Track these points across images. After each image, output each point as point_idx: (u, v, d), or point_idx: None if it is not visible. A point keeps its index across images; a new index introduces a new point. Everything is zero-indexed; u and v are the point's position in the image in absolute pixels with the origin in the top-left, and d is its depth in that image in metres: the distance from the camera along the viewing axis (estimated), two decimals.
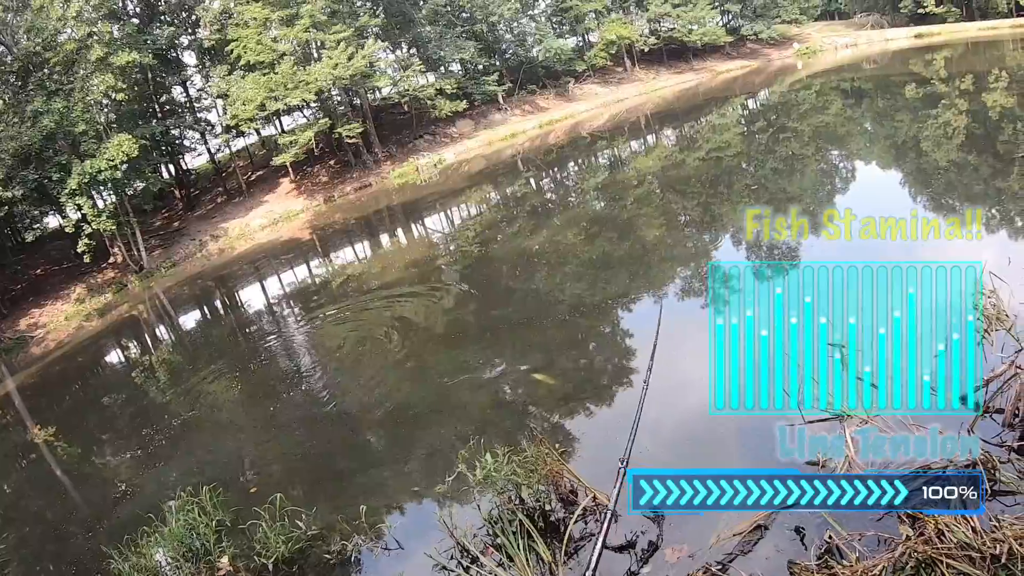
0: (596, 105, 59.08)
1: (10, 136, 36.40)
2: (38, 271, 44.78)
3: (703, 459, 7.13)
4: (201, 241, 44.72)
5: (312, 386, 15.44)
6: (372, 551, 7.84)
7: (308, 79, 44.67)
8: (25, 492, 14.95)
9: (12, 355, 33.62)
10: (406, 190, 43.79)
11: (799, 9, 66.19)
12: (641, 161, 34.04)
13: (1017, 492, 5.32)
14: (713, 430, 7.76)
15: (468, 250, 24.41)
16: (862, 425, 6.40)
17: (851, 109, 34.52)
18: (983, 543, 4.54)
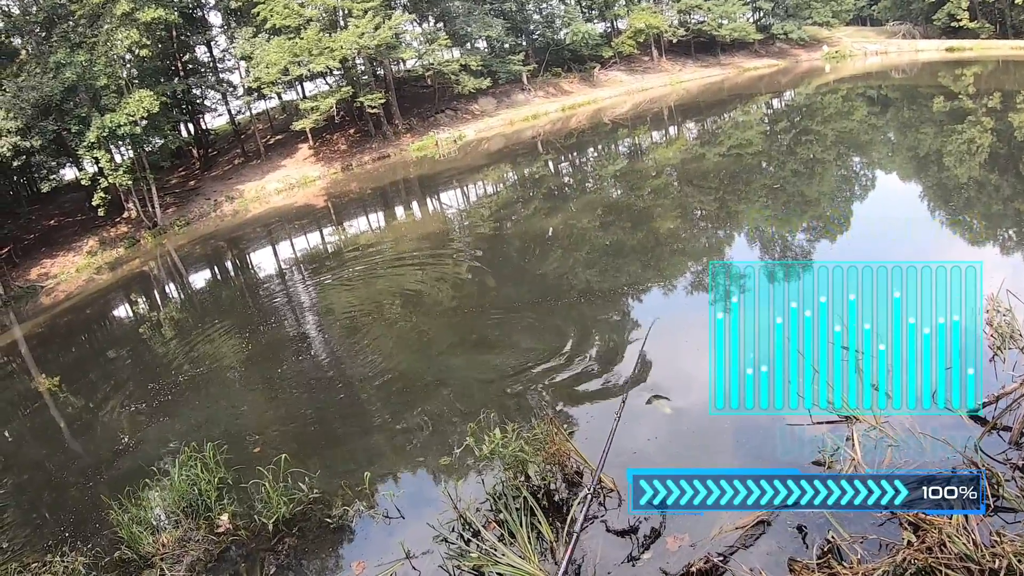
0: (620, 92, 58.80)
1: (31, 86, 36.40)
2: (52, 222, 44.88)
3: (703, 459, 7.04)
4: (216, 201, 44.72)
5: (319, 351, 15.35)
6: (373, 518, 7.73)
7: (333, 46, 44.51)
8: (27, 440, 14.91)
9: (22, 304, 33.73)
10: (424, 163, 43.67)
11: (831, 12, 65.49)
12: (661, 152, 33.79)
13: (1019, 510, 5.21)
14: (713, 430, 7.63)
15: (482, 228, 24.26)
16: (866, 427, 6.32)
17: (876, 117, 34.16)
18: (983, 556, 4.51)
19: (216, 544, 7.65)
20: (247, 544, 7.63)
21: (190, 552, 7.54)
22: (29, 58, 38.85)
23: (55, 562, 7.60)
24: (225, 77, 53.97)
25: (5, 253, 39.37)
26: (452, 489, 7.32)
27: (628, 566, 5.84)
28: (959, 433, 6.14)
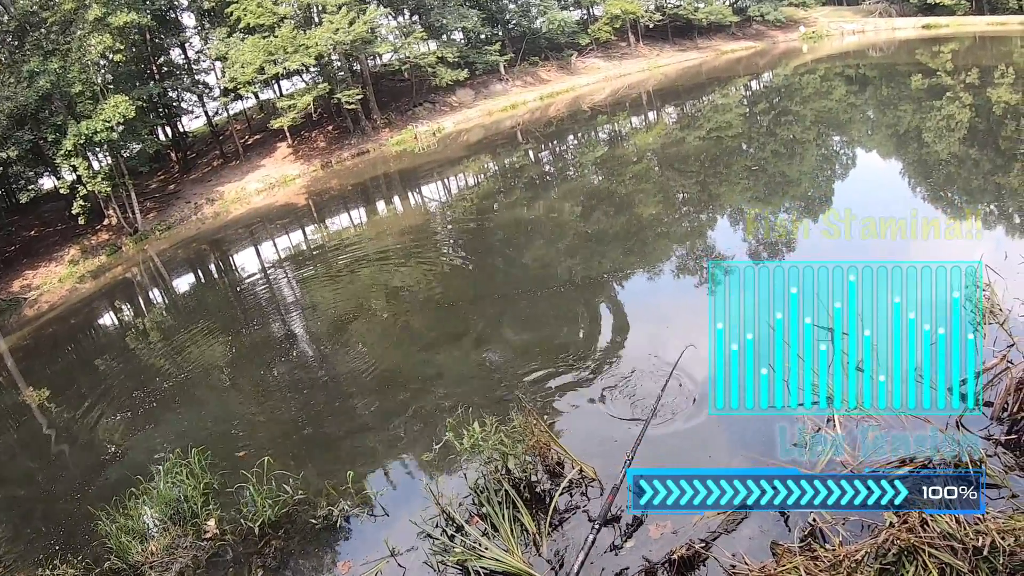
0: (598, 79, 58.71)
1: (5, 96, 36.20)
2: (32, 232, 44.62)
3: (703, 459, 7.09)
4: (196, 204, 44.54)
5: (302, 351, 15.40)
6: (358, 517, 7.80)
7: (308, 43, 44.32)
8: (16, 453, 14.92)
9: (5, 317, 33.56)
10: (404, 158, 43.59)
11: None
12: (641, 137, 33.83)
13: (1002, 486, 5.27)
14: (713, 430, 7.70)
15: (464, 220, 24.29)
16: (862, 423, 6.39)
17: (855, 96, 34.21)
18: (966, 535, 4.50)
19: (204, 550, 7.72)
20: (234, 548, 7.70)
21: (178, 559, 7.61)
22: (2, 68, 38.59)
23: (46, 575, 7.65)
24: (201, 79, 53.60)
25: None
26: (434, 485, 7.39)
27: (611, 555, 5.91)
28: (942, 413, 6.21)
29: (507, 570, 6.03)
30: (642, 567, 5.71)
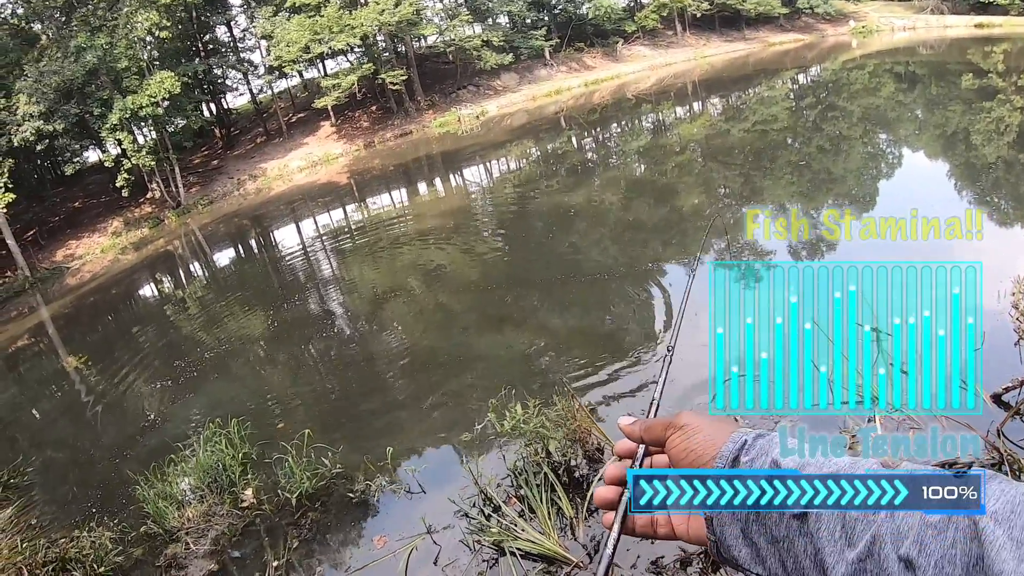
0: (643, 67, 58.29)
1: (53, 71, 36.68)
2: (76, 204, 45.26)
3: None
4: (239, 180, 44.90)
5: (340, 328, 15.36)
6: (395, 493, 7.69)
7: (354, 23, 44.38)
8: (55, 418, 15.02)
9: (48, 285, 34.08)
10: (446, 140, 43.55)
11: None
12: (685, 128, 33.42)
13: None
14: None
15: (505, 204, 24.14)
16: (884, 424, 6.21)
17: (903, 94, 33.49)
18: None
19: (240, 518, 7.66)
20: (271, 518, 7.63)
21: (215, 526, 7.56)
22: (50, 43, 39.10)
23: (82, 537, 7.63)
24: (246, 56, 54.06)
25: (31, 236, 39.79)
26: (473, 465, 7.27)
27: (647, 543, 5.79)
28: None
29: (543, 552, 5.91)
30: (677, 556, 5.67)
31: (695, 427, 1.25)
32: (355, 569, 6.68)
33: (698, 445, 1.21)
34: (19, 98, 36.81)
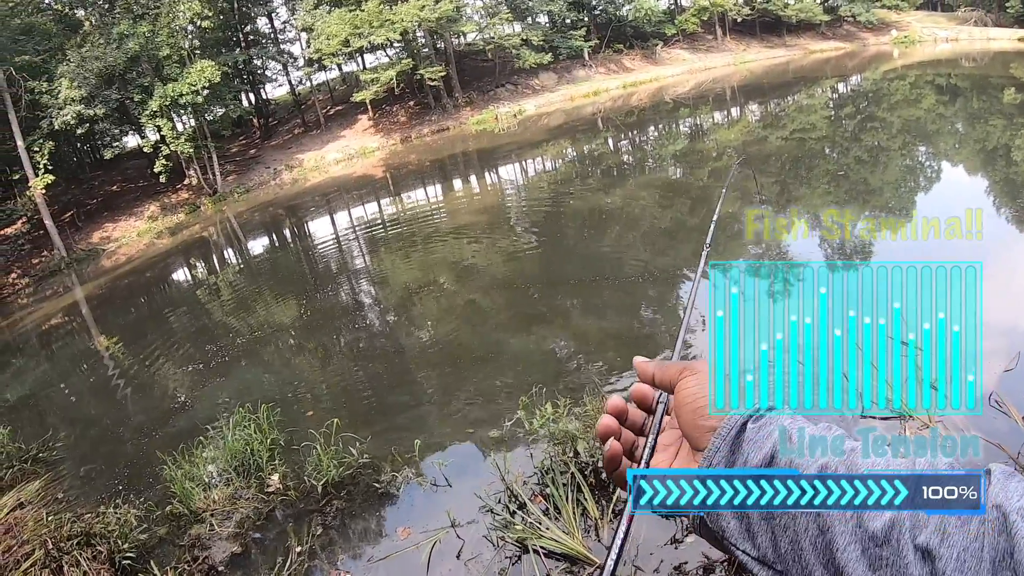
0: (682, 71, 58.00)
1: (95, 56, 37.17)
2: (114, 188, 45.78)
3: None
4: (276, 170, 45.22)
5: (374, 320, 15.37)
6: (421, 485, 7.65)
7: (394, 19, 44.50)
8: (85, 396, 15.16)
9: (84, 266, 34.50)
10: (483, 137, 43.56)
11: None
12: (723, 133, 33.14)
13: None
14: None
15: (540, 203, 24.05)
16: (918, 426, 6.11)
17: (944, 106, 32.99)
18: None
19: (265, 503, 7.66)
20: (296, 504, 7.62)
21: (240, 509, 7.56)
22: (93, 29, 39.61)
23: (108, 513, 7.66)
24: (286, 48, 54.49)
25: (69, 217, 40.30)
26: (500, 461, 7.22)
27: (671, 548, 5.74)
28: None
29: (566, 552, 5.85)
30: (701, 563, 5.59)
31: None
32: (378, 559, 6.65)
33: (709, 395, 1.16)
34: (61, 82, 37.29)
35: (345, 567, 6.64)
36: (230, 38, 49.93)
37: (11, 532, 7.26)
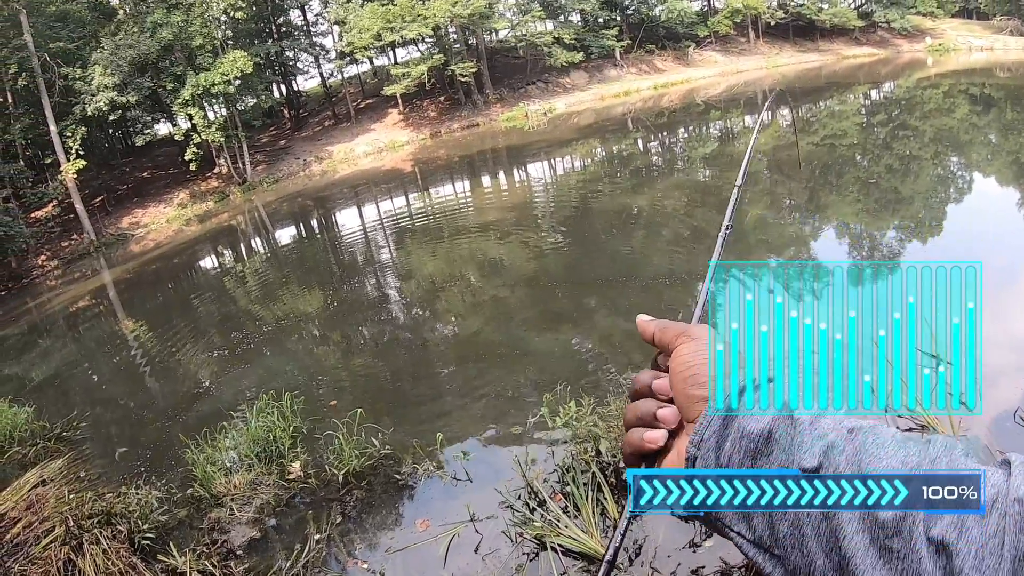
0: (714, 73, 57.65)
1: (129, 44, 37.57)
2: (144, 174, 46.16)
3: None
4: (305, 161, 45.44)
5: (398, 313, 15.37)
6: (441, 479, 7.63)
7: (426, 14, 44.54)
8: (110, 376, 15.28)
9: (112, 250, 34.85)
10: (513, 134, 43.55)
11: (936, 2, 62.51)
12: (752, 137, 32.86)
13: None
14: None
15: (567, 201, 23.99)
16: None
17: (978, 116, 32.55)
18: None
19: (286, 490, 7.67)
20: (316, 493, 7.63)
21: (260, 495, 7.57)
22: (127, 18, 40.02)
23: (129, 493, 7.70)
24: (318, 41, 54.71)
25: (99, 202, 40.70)
26: (521, 458, 7.20)
27: (688, 551, 5.70)
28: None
29: (583, 551, 5.82)
30: (719, 568, 5.54)
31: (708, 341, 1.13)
32: (395, 549, 6.63)
33: (703, 362, 1.09)
34: (95, 69, 37.69)
35: (363, 556, 6.63)
36: (263, 29, 50.22)
37: (33, 508, 7.30)
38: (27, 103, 39.30)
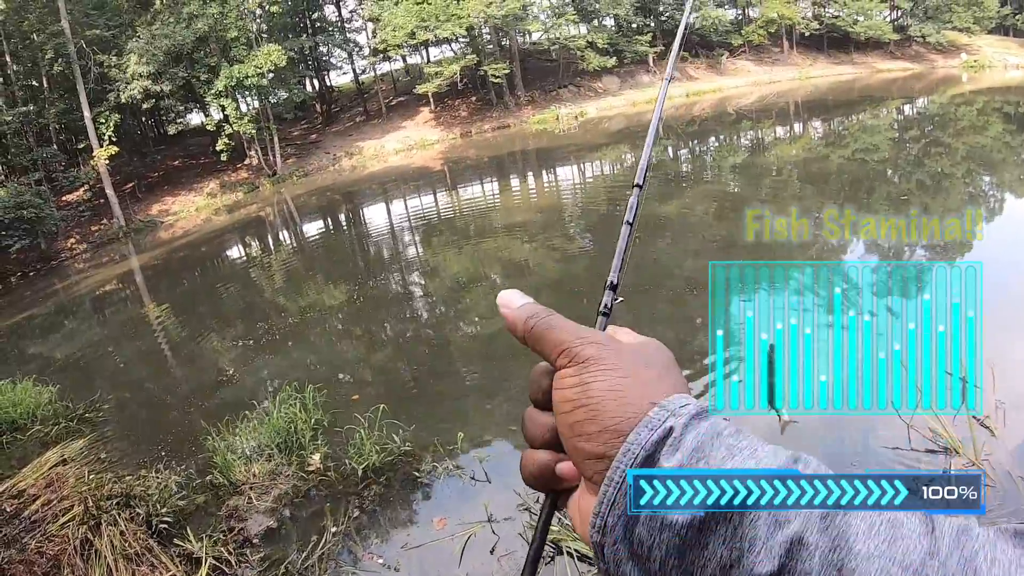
0: (747, 83, 57.36)
1: (164, 35, 37.98)
2: (175, 163, 46.53)
3: None
4: (335, 156, 45.64)
5: (422, 310, 15.35)
6: (460, 478, 7.60)
7: (461, 13, 44.61)
8: (134, 361, 15.35)
9: (141, 236, 35.15)
10: (543, 137, 43.51)
11: (972, 18, 61.52)
12: (784, 148, 32.64)
13: None
14: None
15: (595, 206, 23.91)
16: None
17: (1011, 135, 32.11)
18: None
19: (305, 481, 7.68)
20: (334, 486, 7.62)
21: (279, 485, 7.58)
22: (163, 7, 40.34)
23: (149, 477, 7.74)
24: (352, 37, 54.97)
25: (130, 188, 41.07)
26: None
27: None
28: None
29: None
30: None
31: (605, 365, 0.79)
32: (411, 546, 6.61)
33: (597, 407, 0.76)
34: (130, 58, 38.12)
35: (378, 552, 6.62)
36: (297, 23, 50.55)
37: (52, 487, 7.36)
38: (62, 88, 39.73)
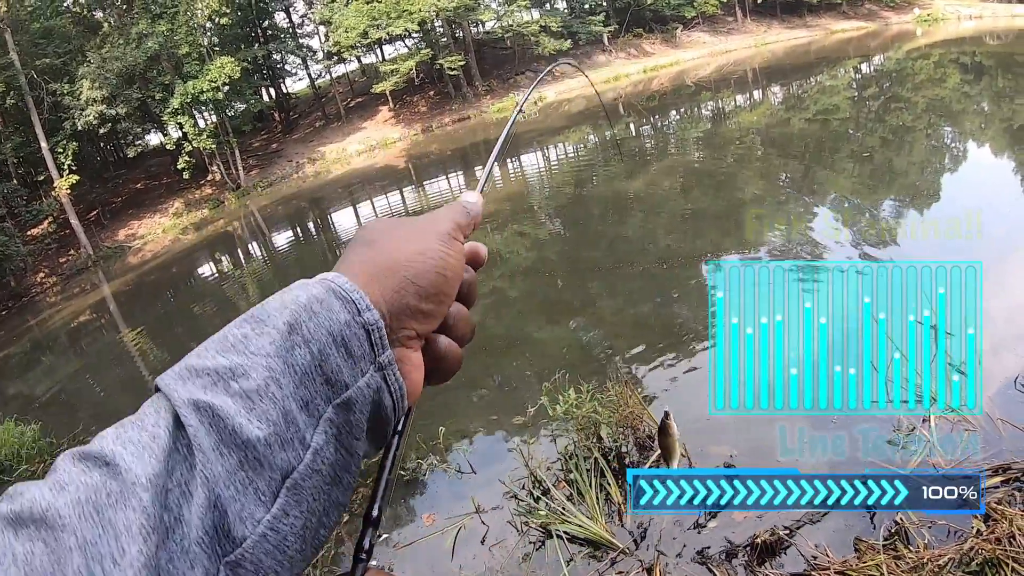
0: (703, 54, 57.51)
1: (115, 56, 37.76)
2: (138, 185, 46.21)
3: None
4: (298, 163, 45.52)
5: None
6: (445, 472, 7.66)
7: (411, 9, 44.49)
8: (115, 391, 15.32)
9: (110, 263, 34.96)
10: (503, 125, 43.27)
11: None
12: (744, 116, 32.80)
13: None
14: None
15: (562, 190, 24.00)
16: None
17: (969, 85, 32.32)
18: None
19: None
20: None
21: None
22: (112, 30, 40.09)
23: None
24: (305, 42, 54.63)
25: (94, 216, 40.78)
26: (524, 447, 7.23)
27: (694, 532, 5.70)
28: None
29: (589, 536, 5.84)
30: (724, 547, 5.56)
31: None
32: (402, 545, 6.65)
33: None
34: (83, 83, 37.80)
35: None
36: (248, 34, 50.19)
37: None
38: (17, 121, 39.40)
